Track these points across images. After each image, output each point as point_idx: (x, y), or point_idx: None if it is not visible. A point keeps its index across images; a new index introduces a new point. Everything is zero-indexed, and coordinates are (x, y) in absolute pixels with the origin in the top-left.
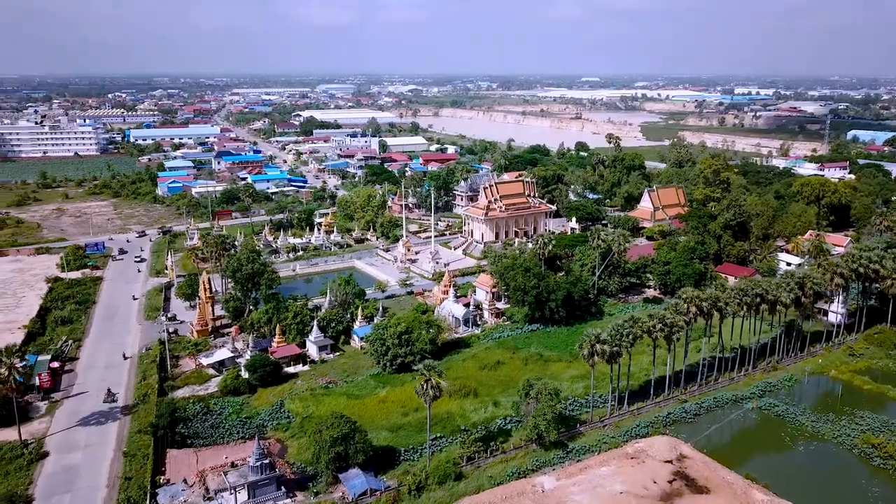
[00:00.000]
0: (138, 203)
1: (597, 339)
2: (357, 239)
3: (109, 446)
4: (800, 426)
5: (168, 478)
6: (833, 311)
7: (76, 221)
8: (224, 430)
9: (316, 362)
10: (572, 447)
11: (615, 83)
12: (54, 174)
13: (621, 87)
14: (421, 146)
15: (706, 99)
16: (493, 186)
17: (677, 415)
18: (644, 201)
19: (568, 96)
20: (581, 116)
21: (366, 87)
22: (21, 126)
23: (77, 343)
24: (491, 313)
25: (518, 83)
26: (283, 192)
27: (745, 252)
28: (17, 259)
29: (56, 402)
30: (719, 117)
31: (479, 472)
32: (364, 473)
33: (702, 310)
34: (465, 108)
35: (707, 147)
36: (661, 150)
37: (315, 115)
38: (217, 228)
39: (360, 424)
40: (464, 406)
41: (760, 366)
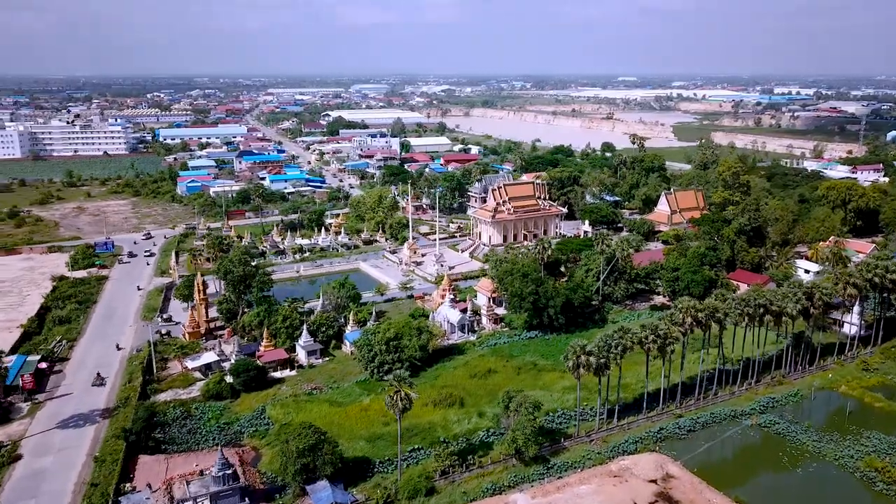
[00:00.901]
0: (157, 202)
1: (582, 350)
2: (366, 240)
3: (83, 450)
4: (800, 446)
5: (135, 485)
6: (849, 322)
7: (94, 220)
8: (201, 436)
9: (304, 367)
10: (554, 463)
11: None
12: (81, 173)
13: (657, 86)
14: (444, 146)
15: (743, 99)
16: (501, 188)
17: (670, 430)
18: (661, 204)
19: (601, 96)
20: (612, 116)
21: (400, 88)
22: (53, 125)
23: (71, 343)
24: (489, 319)
25: (552, 83)
26: (299, 192)
27: (760, 258)
28: (28, 257)
29: (39, 403)
30: (755, 118)
31: (452, 487)
32: (332, 486)
33: (698, 320)
34: (496, 108)
35: (735, 148)
36: (688, 152)
37: (343, 114)
38: (226, 228)
39: (338, 433)
40: (448, 416)
41: (765, 379)
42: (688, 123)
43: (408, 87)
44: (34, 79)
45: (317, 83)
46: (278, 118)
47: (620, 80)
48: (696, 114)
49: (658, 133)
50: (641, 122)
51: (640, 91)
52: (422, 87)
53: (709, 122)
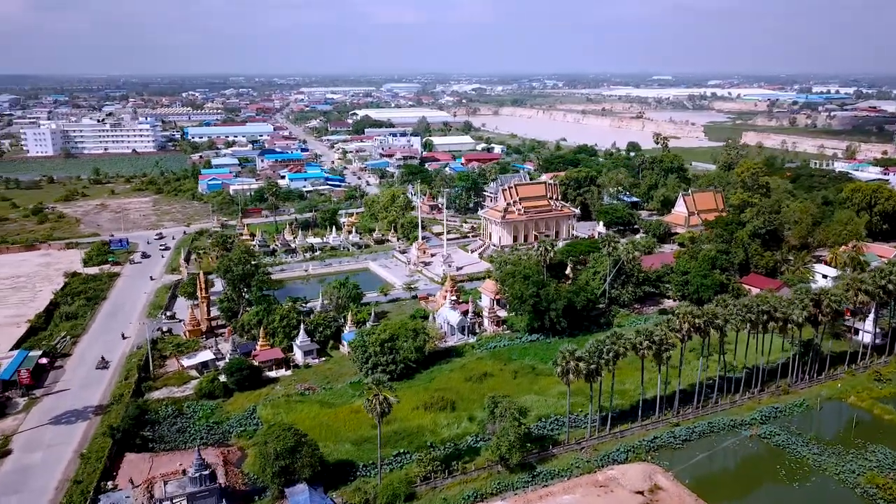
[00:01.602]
0: (177, 200)
1: (572, 355)
2: (377, 240)
3: (71, 447)
4: (800, 459)
5: (116, 483)
6: (865, 329)
7: (114, 217)
8: (189, 435)
9: (300, 367)
10: (541, 470)
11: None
12: (108, 170)
13: (692, 85)
14: (467, 145)
15: (779, 98)
16: (512, 188)
17: (664, 440)
18: (678, 206)
19: (633, 95)
20: (642, 116)
21: (431, 87)
22: (84, 124)
23: (75, 339)
24: (491, 321)
25: (585, 82)
26: (317, 190)
27: (776, 263)
28: (46, 253)
29: (36, 398)
30: (790, 117)
31: (434, 493)
32: (311, 489)
33: (696, 327)
34: (525, 107)
35: (763, 148)
36: (714, 152)
37: (371, 113)
38: (240, 226)
39: (325, 435)
40: (438, 420)
41: (770, 388)
42: (720, 123)
43: (439, 86)
44: (77, 79)
45: (351, 82)
46: (306, 117)
47: (655, 79)
48: (729, 113)
49: (688, 133)
50: (671, 122)
51: (674, 90)
52: (452, 86)
53: (742, 122)
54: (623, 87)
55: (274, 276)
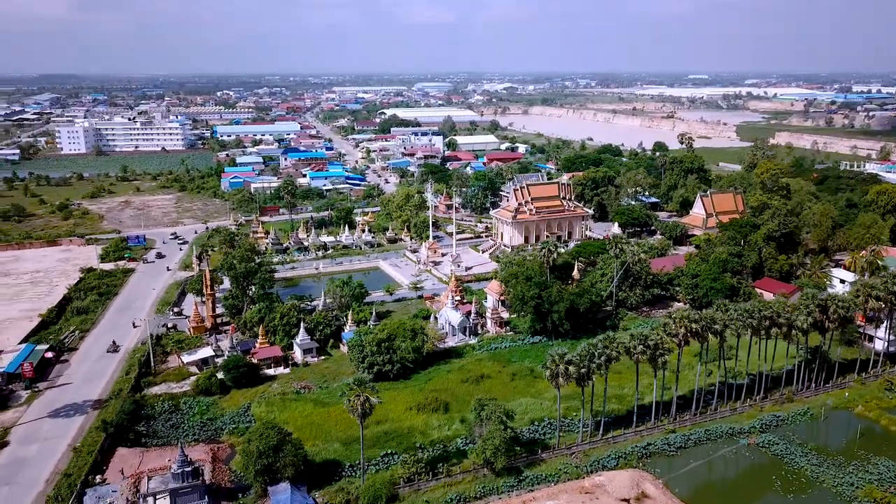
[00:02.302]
0: (199, 198)
1: (561, 358)
2: (391, 239)
3: (66, 440)
4: (798, 470)
5: (105, 477)
6: (878, 336)
7: (137, 214)
8: (182, 431)
9: (299, 365)
10: (528, 475)
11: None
12: (136, 168)
13: (728, 84)
14: (491, 145)
15: (817, 97)
16: (524, 188)
17: (658, 446)
18: (696, 207)
19: (666, 94)
20: (673, 115)
21: (462, 86)
22: (116, 122)
23: (83, 334)
24: (494, 322)
25: (618, 81)
26: (336, 189)
27: (791, 266)
28: (67, 249)
29: (38, 391)
30: (827, 117)
31: (416, 495)
32: (294, 488)
33: (693, 332)
34: (555, 107)
35: (793, 148)
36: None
37: (399, 112)
38: (255, 224)
39: (314, 434)
40: (429, 421)
41: (774, 396)
42: (753, 123)
43: (471, 85)
44: (118, 78)
45: (384, 81)
46: (335, 116)
47: (690, 79)
48: (764, 113)
49: (719, 133)
50: (702, 122)
51: (708, 89)
52: (484, 85)
53: (776, 122)
54: (656, 87)
55: (285, 275)
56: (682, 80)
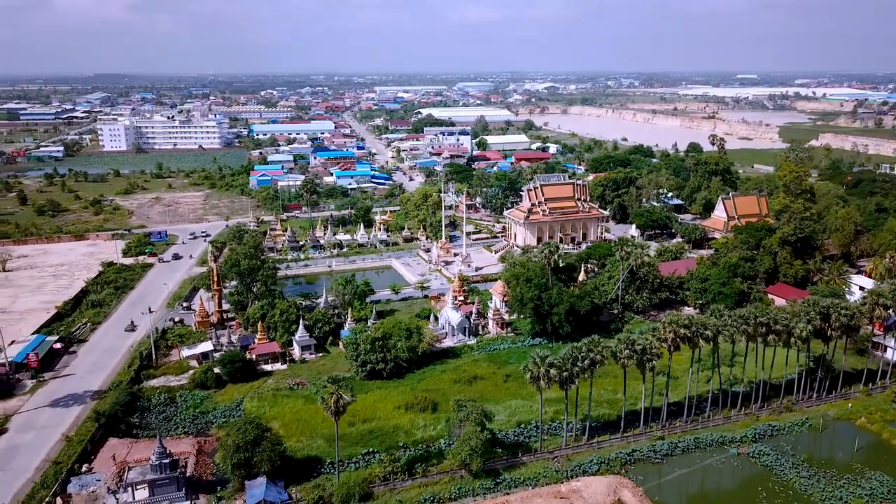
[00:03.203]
0: (228, 195)
1: (543, 361)
2: (406, 238)
3: (61, 429)
4: (786, 481)
5: (92, 466)
6: (891, 346)
7: (165, 210)
8: (173, 424)
9: (296, 362)
10: (506, 478)
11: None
12: (171, 165)
13: (776, 84)
14: (522, 145)
15: (868, 98)
16: (538, 188)
17: (643, 453)
18: (718, 210)
19: (710, 94)
20: (715, 116)
21: (504, 85)
22: (156, 121)
23: (95, 326)
24: (496, 323)
25: (663, 80)
26: (361, 188)
27: (807, 272)
28: (93, 243)
29: (43, 381)
30: (876, 118)
31: (391, 494)
32: (270, 483)
33: (682, 337)
34: (595, 106)
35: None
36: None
37: (434, 112)
38: (274, 222)
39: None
40: (416, 421)
41: (773, 405)
42: (798, 124)
43: (512, 84)
44: (168, 77)
45: (427, 81)
46: (372, 115)
47: (738, 78)
48: (811, 114)
49: (761, 134)
50: (744, 122)
51: (754, 89)
52: (525, 84)
53: (823, 123)
54: (701, 87)
55: (298, 272)
56: (730, 79)
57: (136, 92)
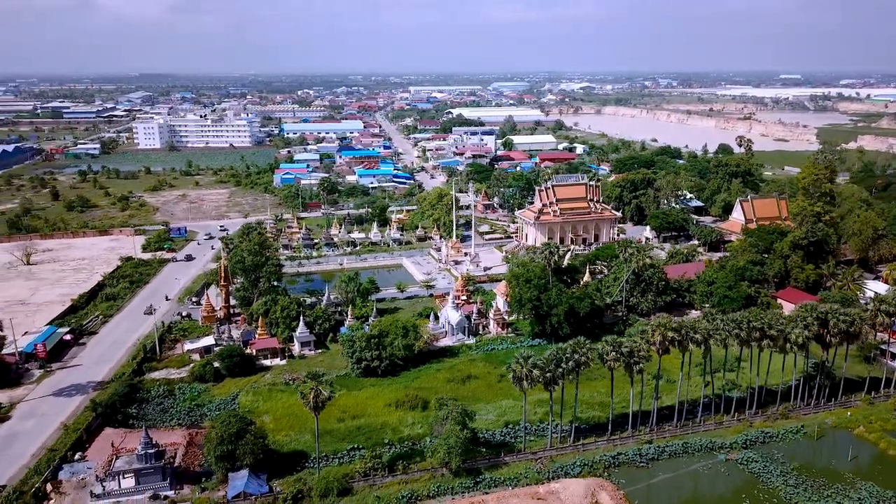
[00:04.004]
0: (251, 193)
1: (526, 361)
2: (420, 237)
3: (60, 418)
4: (772, 489)
5: (85, 455)
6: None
7: (189, 207)
8: (170, 415)
9: (295, 358)
10: (486, 477)
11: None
12: (200, 163)
13: (820, 84)
14: (548, 145)
15: None
16: (549, 189)
17: (629, 457)
18: (735, 212)
19: (749, 95)
20: (751, 117)
21: (539, 85)
22: (188, 119)
23: (107, 319)
24: (497, 323)
25: (703, 81)
26: (382, 187)
27: (818, 277)
28: (116, 238)
29: (51, 371)
30: None
31: (370, 490)
32: (252, 476)
33: (671, 340)
34: (629, 107)
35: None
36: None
37: (465, 112)
38: (291, 220)
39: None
40: (405, 418)
41: (768, 411)
42: (839, 126)
43: (548, 84)
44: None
45: (463, 81)
46: (403, 115)
47: (780, 78)
48: (854, 115)
49: (798, 135)
50: (780, 124)
51: (796, 90)
52: (560, 84)
53: (864, 125)
54: (740, 87)
55: (310, 269)
56: (772, 80)
57: (176, 91)
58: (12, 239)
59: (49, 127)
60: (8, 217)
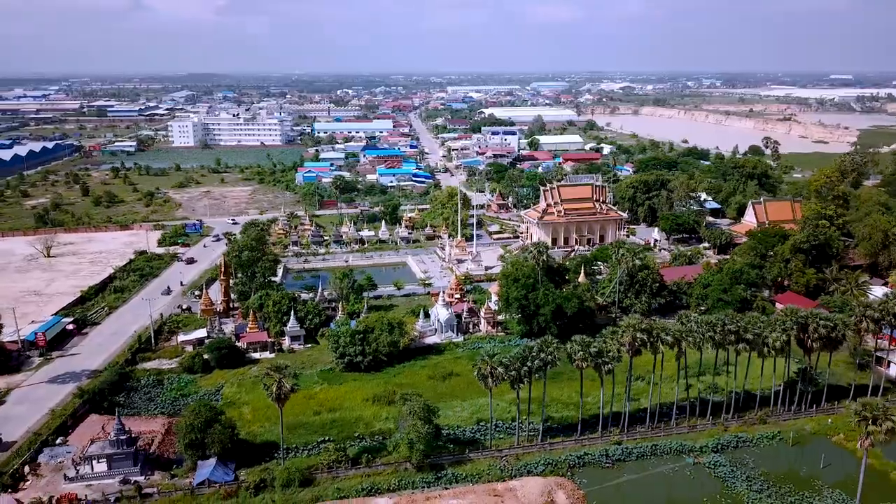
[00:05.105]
0: (273, 190)
1: (491, 359)
2: (429, 235)
3: (50, 404)
4: (734, 495)
5: (67, 439)
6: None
7: (212, 203)
8: (155, 404)
9: (284, 351)
10: (449, 473)
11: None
12: (229, 161)
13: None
14: (575, 145)
15: None
16: (555, 189)
17: (595, 457)
18: (748, 214)
19: (793, 95)
20: (791, 118)
21: (580, 85)
22: (222, 118)
23: (112, 310)
24: (488, 322)
25: (748, 81)
26: (400, 186)
27: (819, 281)
28: (135, 233)
29: (50, 359)
30: None
31: (332, 482)
32: (220, 464)
33: (639, 341)
34: (667, 107)
35: None
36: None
37: (497, 112)
38: (304, 217)
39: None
40: (380, 413)
41: (746, 416)
42: (884, 127)
43: (588, 84)
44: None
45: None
46: (436, 115)
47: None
48: None
49: (838, 137)
50: (820, 125)
51: (843, 90)
52: (601, 84)
53: None
54: (785, 87)
55: (316, 266)
56: (819, 80)
57: (220, 90)
58: (38, 232)
59: (93, 125)
60: (37, 211)
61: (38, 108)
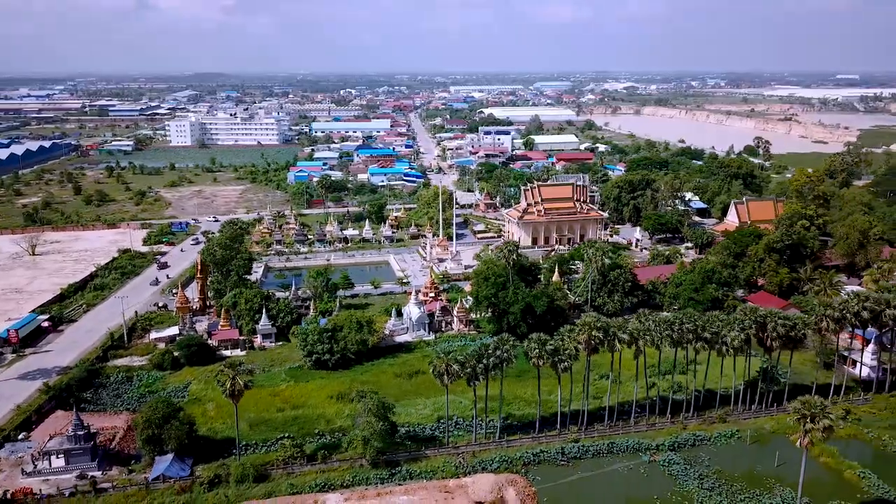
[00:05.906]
0: (264, 190)
1: (447, 356)
2: (413, 235)
3: (17, 400)
4: (685, 493)
5: (30, 435)
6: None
7: (202, 203)
8: (122, 401)
9: (255, 349)
10: (403, 470)
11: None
12: (223, 160)
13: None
14: (570, 145)
15: None
16: (535, 188)
17: (551, 455)
18: (730, 214)
19: (796, 95)
20: (791, 118)
21: (584, 85)
22: (219, 118)
23: (90, 308)
24: (460, 320)
25: (752, 81)
26: (390, 185)
27: (793, 281)
28: (122, 232)
29: (23, 356)
30: None
31: (286, 477)
32: (177, 459)
33: (596, 340)
34: (669, 107)
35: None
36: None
37: (496, 112)
38: (290, 216)
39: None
40: (342, 410)
41: (708, 415)
42: (885, 128)
43: (591, 84)
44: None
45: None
46: (435, 114)
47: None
48: None
49: (837, 137)
50: (820, 125)
51: (847, 90)
52: (604, 84)
53: None
54: (789, 87)
55: (298, 264)
56: (827, 80)
57: (224, 90)
58: (26, 231)
59: (94, 124)
60: (27, 210)
61: (40, 108)
